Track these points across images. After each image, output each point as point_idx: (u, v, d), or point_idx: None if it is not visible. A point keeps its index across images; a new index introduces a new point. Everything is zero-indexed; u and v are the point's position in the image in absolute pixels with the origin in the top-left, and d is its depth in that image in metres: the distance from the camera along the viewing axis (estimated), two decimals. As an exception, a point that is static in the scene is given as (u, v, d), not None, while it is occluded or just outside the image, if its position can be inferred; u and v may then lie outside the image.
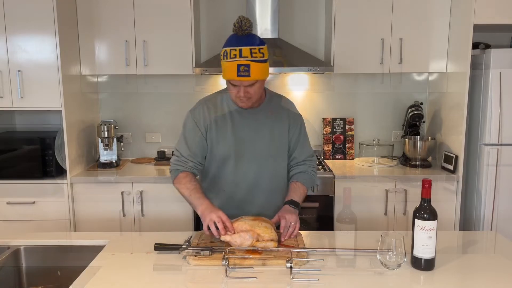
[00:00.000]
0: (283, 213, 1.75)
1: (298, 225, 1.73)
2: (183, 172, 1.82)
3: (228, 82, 1.72)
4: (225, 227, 1.60)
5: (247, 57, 1.64)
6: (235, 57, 1.64)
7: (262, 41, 1.70)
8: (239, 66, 1.64)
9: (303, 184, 1.90)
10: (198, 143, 1.83)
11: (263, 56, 1.68)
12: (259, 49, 1.67)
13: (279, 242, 1.64)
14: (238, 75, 1.64)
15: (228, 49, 1.67)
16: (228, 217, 1.63)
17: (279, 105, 1.91)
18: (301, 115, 1.96)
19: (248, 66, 1.64)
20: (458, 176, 2.82)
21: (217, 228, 1.61)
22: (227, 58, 1.66)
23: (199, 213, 1.70)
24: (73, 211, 2.83)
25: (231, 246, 1.59)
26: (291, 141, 1.91)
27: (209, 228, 1.63)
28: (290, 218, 1.72)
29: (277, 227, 1.74)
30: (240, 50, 1.64)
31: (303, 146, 1.94)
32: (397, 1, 2.91)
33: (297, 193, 1.86)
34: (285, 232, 1.69)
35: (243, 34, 1.67)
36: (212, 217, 1.62)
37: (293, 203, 1.81)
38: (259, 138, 1.83)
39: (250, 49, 1.64)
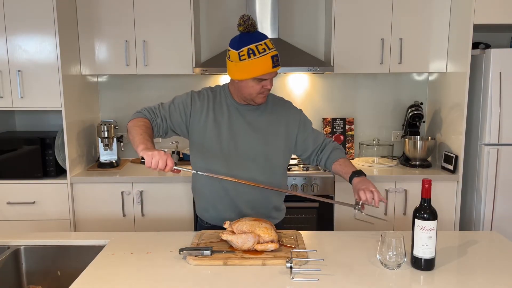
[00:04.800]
0: (358, 187, 1.71)
1: (377, 191, 1.69)
2: (146, 118, 1.77)
3: (253, 79, 1.71)
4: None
5: (273, 48, 1.70)
6: (265, 50, 1.67)
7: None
8: (273, 57, 1.68)
9: (344, 158, 1.88)
10: (178, 115, 1.81)
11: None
12: (270, 40, 1.73)
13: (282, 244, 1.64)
14: (273, 66, 1.69)
15: (252, 46, 1.67)
16: (171, 158, 1.56)
17: (276, 105, 1.91)
18: (300, 110, 1.96)
19: (278, 56, 1.71)
20: (458, 176, 2.82)
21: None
22: (255, 55, 1.67)
23: (139, 149, 1.58)
24: (73, 211, 2.84)
25: (231, 246, 1.59)
26: (298, 137, 1.90)
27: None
28: (367, 186, 1.69)
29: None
30: (265, 43, 1.69)
31: (313, 133, 1.93)
32: (397, 1, 2.92)
33: (349, 165, 1.84)
34: (371, 201, 1.67)
35: (254, 31, 1.71)
36: (159, 154, 1.53)
37: (357, 173, 1.78)
38: (253, 135, 1.83)
39: (270, 41, 1.72)
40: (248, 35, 1.70)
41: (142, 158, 1.55)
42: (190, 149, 1.91)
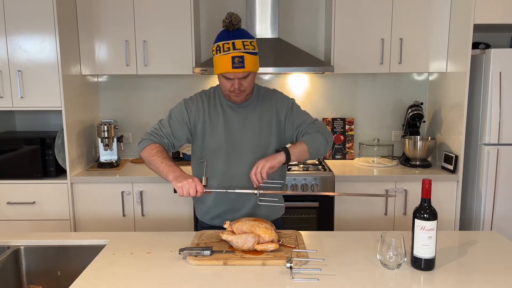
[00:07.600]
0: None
1: (263, 168, 1.66)
2: (156, 143, 1.82)
3: (222, 76, 1.76)
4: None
5: (240, 49, 1.70)
6: (229, 50, 1.69)
7: (251, 35, 1.77)
8: (233, 58, 1.69)
9: (304, 142, 1.80)
10: (180, 127, 1.85)
11: (254, 49, 1.74)
12: (250, 42, 1.74)
13: (279, 242, 1.64)
14: (233, 67, 1.69)
15: (220, 43, 1.72)
16: (200, 183, 1.64)
17: (266, 97, 1.92)
18: (291, 99, 1.93)
19: (242, 57, 1.69)
20: (458, 176, 2.82)
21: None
22: (220, 52, 1.71)
23: (169, 179, 1.68)
24: (73, 211, 2.83)
25: (231, 246, 1.59)
26: (285, 122, 1.89)
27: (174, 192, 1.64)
28: (258, 164, 1.68)
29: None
30: (233, 43, 1.70)
31: (299, 117, 1.89)
32: (397, 1, 2.92)
33: (292, 146, 1.79)
34: (254, 178, 1.67)
35: (234, 29, 1.74)
36: (188, 182, 1.62)
37: (279, 149, 1.77)
38: (249, 130, 1.85)
39: (243, 42, 1.71)
40: (226, 32, 1.74)
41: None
42: (192, 151, 1.94)
